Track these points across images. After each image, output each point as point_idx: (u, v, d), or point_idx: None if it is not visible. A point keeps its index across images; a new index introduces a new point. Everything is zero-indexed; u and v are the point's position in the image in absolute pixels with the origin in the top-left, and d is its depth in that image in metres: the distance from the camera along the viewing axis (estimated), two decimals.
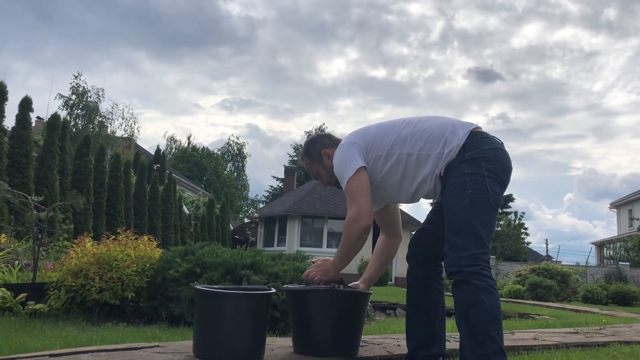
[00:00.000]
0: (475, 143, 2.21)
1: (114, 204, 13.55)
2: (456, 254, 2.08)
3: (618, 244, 29.14)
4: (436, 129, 2.28)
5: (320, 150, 2.53)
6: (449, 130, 2.26)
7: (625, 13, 61.74)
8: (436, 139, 2.26)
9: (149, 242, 4.75)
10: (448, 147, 2.22)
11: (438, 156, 2.24)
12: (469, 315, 2.01)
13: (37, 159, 10.89)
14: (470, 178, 2.14)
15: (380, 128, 2.39)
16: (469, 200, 2.12)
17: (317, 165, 2.55)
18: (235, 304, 2.35)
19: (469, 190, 2.13)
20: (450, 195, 2.18)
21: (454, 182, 2.18)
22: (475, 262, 2.04)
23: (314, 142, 2.59)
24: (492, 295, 2.02)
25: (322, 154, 2.52)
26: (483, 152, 2.19)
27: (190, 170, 42.29)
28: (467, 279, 2.03)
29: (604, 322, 5.54)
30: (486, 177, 2.14)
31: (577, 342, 3.53)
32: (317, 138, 2.62)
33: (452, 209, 2.16)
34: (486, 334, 1.97)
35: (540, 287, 12.78)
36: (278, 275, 4.10)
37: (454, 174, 2.19)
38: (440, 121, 2.33)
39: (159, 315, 4.20)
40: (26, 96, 10.82)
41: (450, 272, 2.11)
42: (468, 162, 2.18)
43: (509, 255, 30.70)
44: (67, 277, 4.25)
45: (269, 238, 22.56)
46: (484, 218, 2.13)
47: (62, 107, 22.90)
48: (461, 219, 2.12)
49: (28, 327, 3.47)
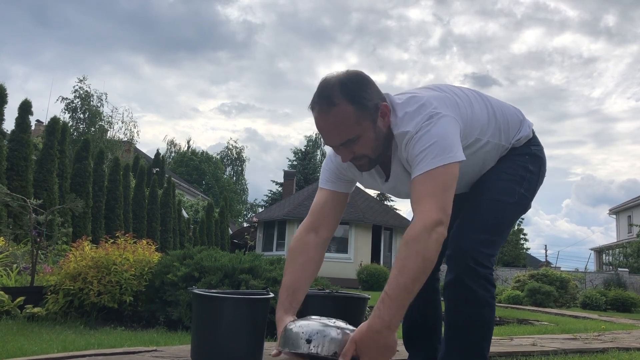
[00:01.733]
0: (538, 140, 1.95)
1: (113, 207, 13.55)
2: (478, 246, 1.70)
3: (617, 250, 29.14)
4: (513, 115, 1.91)
5: (379, 102, 1.63)
6: (521, 118, 1.94)
7: (624, 20, 62.09)
8: (514, 126, 1.89)
9: (147, 246, 4.75)
10: (517, 136, 1.88)
11: (505, 147, 1.88)
12: (465, 328, 1.73)
13: (37, 162, 10.90)
14: (529, 176, 1.87)
15: (466, 104, 1.77)
16: (517, 199, 1.83)
17: (367, 123, 1.59)
18: (233, 309, 2.34)
19: (523, 189, 1.84)
20: (499, 180, 1.83)
21: (511, 170, 1.85)
22: (490, 265, 1.73)
23: (368, 86, 1.61)
24: (492, 309, 1.76)
25: (382, 108, 1.62)
26: (542, 153, 1.94)
27: (189, 174, 42.33)
28: (474, 286, 1.68)
29: (602, 329, 5.53)
30: (539, 182, 1.92)
31: (575, 348, 3.53)
32: (370, 81, 1.64)
33: (497, 197, 1.80)
34: (478, 351, 1.74)
35: (539, 293, 12.76)
36: (277, 279, 4.09)
37: (515, 161, 1.86)
38: (509, 107, 1.96)
39: (157, 319, 4.19)
40: (26, 99, 10.85)
41: (459, 265, 1.69)
42: (532, 158, 1.89)
43: (508, 260, 30.70)
44: (66, 281, 4.24)
45: (268, 242, 22.55)
46: (514, 223, 1.90)
47: (64, 110, 22.94)
48: (501, 214, 1.79)
49: (26, 331, 3.46)
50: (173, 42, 71.79)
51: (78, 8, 62.78)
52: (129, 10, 67.36)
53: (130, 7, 67.99)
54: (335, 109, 1.54)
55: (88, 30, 62.02)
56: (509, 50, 68.51)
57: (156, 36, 72.10)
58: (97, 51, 66.39)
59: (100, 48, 65.71)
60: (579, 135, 70.62)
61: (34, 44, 65.84)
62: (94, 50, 65.84)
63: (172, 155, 45.98)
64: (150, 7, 69.84)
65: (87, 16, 62.06)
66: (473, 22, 66.53)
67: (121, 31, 68.34)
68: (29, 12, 61.38)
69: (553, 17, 64.80)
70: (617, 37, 64.01)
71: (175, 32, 70.73)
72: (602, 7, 63.84)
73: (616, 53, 64.73)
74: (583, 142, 71.51)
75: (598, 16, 64.67)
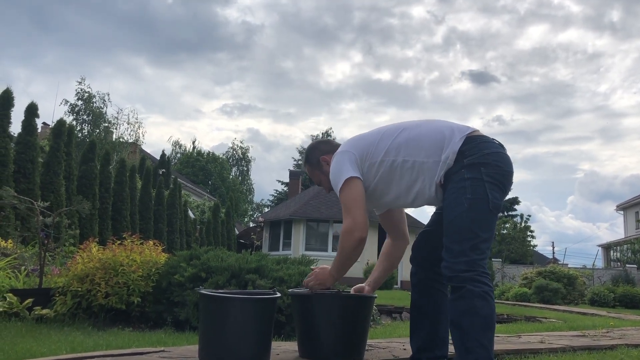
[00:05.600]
0: (473, 148, 2.17)
1: (120, 209, 13.59)
2: (454, 259, 2.05)
3: (625, 247, 28.98)
4: (432, 135, 2.24)
5: (319, 157, 2.51)
6: (445, 135, 2.21)
7: (629, 15, 61.67)
8: (432, 145, 2.21)
9: (154, 246, 4.77)
10: (444, 154, 2.17)
11: (435, 163, 2.19)
12: (462, 322, 1.99)
13: (43, 165, 10.94)
14: (469, 183, 2.11)
15: (375, 135, 2.34)
16: (467, 206, 2.08)
17: (318, 172, 2.52)
18: (240, 309, 2.35)
19: (468, 195, 2.09)
20: (449, 201, 2.15)
21: (453, 188, 2.14)
22: (472, 268, 2.01)
23: (313, 149, 2.57)
24: (488, 302, 1.99)
25: (321, 161, 2.50)
26: (482, 157, 2.15)
27: (195, 174, 42.37)
28: (463, 285, 2.00)
29: (611, 325, 5.50)
30: (486, 182, 2.11)
31: (584, 345, 3.51)
32: (316, 145, 2.60)
33: (451, 214, 2.12)
34: (477, 341, 1.95)
35: (546, 290, 12.72)
36: (283, 279, 4.10)
37: (454, 179, 2.15)
38: (436, 125, 2.28)
39: (164, 320, 4.20)
40: (32, 102, 10.87)
41: (447, 277, 2.09)
42: (467, 168, 2.14)
43: (515, 258, 30.56)
44: (73, 282, 4.26)
45: (274, 242, 22.56)
46: (483, 224, 2.10)
47: (68, 113, 23.05)
48: (460, 224, 2.08)
49: (34, 332, 3.48)
50: (173, 43, 71.66)
51: (76, 10, 62.64)
52: (127, 12, 67.24)
53: (128, 8, 67.89)
54: (304, 167, 2.66)
55: (87, 33, 61.94)
56: (513, 47, 68.18)
57: (156, 38, 72.01)
58: (98, 53, 66.32)
59: (101, 50, 65.59)
60: (585, 131, 70.23)
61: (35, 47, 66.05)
62: (95, 53, 65.72)
63: (177, 156, 46.07)
64: (148, 8, 69.80)
65: (84, 18, 61.93)
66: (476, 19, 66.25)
67: (120, 33, 68.28)
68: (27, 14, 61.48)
69: (557, 13, 64.36)
70: (621, 32, 63.57)
71: (174, 34, 70.63)
72: (606, 2, 63.36)
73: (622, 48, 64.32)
74: (590, 138, 71.10)
75: (602, 11, 64.19)
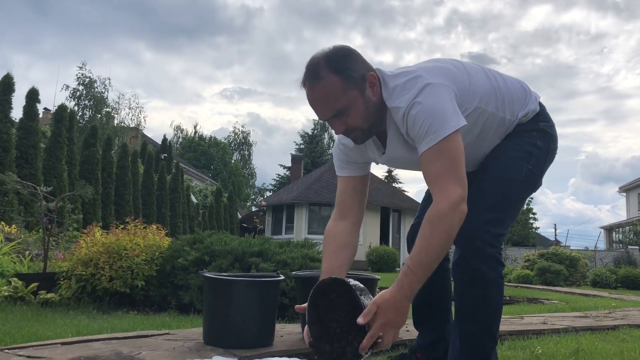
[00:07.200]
0: (547, 115, 1.89)
1: (122, 193, 13.62)
2: (485, 226, 1.69)
3: (627, 228, 28.99)
4: (518, 87, 1.87)
5: (365, 72, 1.61)
6: (527, 91, 1.89)
7: None
8: (519, 99, 1.84)
9: (157, 231, 4.77)
10: (523, 111, 1.83)
11: (510, 122, 1.83)
12: (473, 310, 1.73)
13: (45, 150, 10.96)
14: (537, 152, 1.82)
15: (462, 72, 1.74)
16: (525, 176, 1.80)
17: (354, 93, 1.58)
18: (244, 291, 2.36)
19: (530, 165, 1.80)
20: (505, 157, 1.80)
21: (518, 146, 1.81)
22: (498, 244, 1.72)
23: (352, 57, 1.61)
24: (499, 288, 1.75)
25: (369, 78, 1.61)
26: (552, 130, 1.89)
27: (197, 159, 42.39)
28: (479, 267, 1.68)
29: (613, 306, 5.53)
30: (547, 159, 1.87)
31: (586, 325, 3.53)
32: (353, 51, 1.64)
33: (502, 173, 1.78)
34: (487, 332, 1.75)
35: (549, 272, 12.75)
36: (286, 262, 4.11)
37: (522, 137, 1.82)
38: (511, 78, 1.91)
39: (168, 304, 4.23)
40: (33, 87, 10.85)
41: (466, 246, 1.68)
42: (540, 133, 1.85)
43: (517, 240, 30.67)
44: (78, 267, 4.28)
45: (277, 226, 22.63)
46: (522, 202, 1.86)
47: (69, 98, 23.02)
48: (508, 191, 1.78)
49: (40, 316, 3.50)
50: (171, 28, 71.41)
51: None
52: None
53: None
54: (322, 81, 1.56)
55: (86, 17, 61.61)
56: (516, 28, 67.61)
57: (154, 22, 71.67)
58: (97, 38, 66.19)
59: (100, 35, 65.42)
60: (589, 112, 69.92)
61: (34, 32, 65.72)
62: (94, 38, 65.62)
63: (179, 140, 46.04)
64: None
65: (84, 3, 61.80)
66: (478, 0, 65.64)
67: (119, 18, 67.93)
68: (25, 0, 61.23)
69: None
70: (625, 12, 63.10)
71: (172, 18, 70.30)
72: None
73: (626, 28, 63.72)
74: (594, 119, 70.79)
75: None
